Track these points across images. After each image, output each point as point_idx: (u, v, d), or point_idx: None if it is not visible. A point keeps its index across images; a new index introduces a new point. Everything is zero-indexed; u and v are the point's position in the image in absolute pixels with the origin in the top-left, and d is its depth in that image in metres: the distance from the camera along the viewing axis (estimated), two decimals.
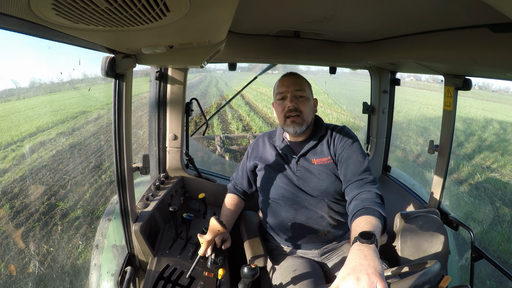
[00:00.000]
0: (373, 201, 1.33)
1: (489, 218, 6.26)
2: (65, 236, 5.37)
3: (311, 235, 1.67)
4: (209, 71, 70.45)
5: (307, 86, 1.63)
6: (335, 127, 1.69)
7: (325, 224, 1.64)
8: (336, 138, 1.63)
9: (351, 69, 2.83)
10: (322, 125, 1.70)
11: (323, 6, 1.19)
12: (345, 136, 1.63)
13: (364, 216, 1.23)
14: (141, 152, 7.56)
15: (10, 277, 4.37)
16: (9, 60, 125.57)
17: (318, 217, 1.63)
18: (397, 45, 1.69)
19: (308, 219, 1.64)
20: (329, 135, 1.66)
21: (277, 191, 1.68)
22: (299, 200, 1.64)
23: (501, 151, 11.86)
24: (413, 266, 1.34)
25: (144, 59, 1.32)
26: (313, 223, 1.64)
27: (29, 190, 7.18)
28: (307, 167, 1.64)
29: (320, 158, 1.63)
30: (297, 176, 1.65)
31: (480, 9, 0.98)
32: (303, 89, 1.60)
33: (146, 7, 0.61)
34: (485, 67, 1.52)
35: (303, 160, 1.66)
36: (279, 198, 1.68)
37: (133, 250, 1.58)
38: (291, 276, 1.54)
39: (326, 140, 1.65)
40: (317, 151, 1.65)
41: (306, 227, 1.65)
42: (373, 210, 1.26)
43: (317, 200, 1.63)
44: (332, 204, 1.63)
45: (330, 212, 1.63)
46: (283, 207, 1.67)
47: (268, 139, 1.82)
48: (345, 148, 1.59)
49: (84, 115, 17.97)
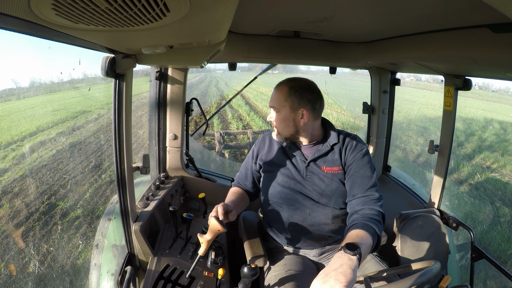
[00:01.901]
0: (372, 218, 1.37)
1: (489, 218, 6.27)
2: (65, 235, 5.38)
3: (313, 239, 1.67)
4: (209, 71, 70.47)
5: (281, 99, 1.56)
6: (347, 135, 1.67)
7: (327, 230, 1.64)
8: (348, 147, 1.62)
9: (351, 69, 2.84)
10: (334, 131, 1.65)
11: (323, 6, 1.19)
12: (357, 147, 1.61)
13: (358, 230, 1.28)
14: (141, 152, 7.56)
15: (10, 277, 4.37)
16: (9, 60, 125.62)
17: (322, 223, 1.62)
18: (397, 45, 1.68)
19: (311, 225, 1.63)
20: (341, 144, 1.63)
21: (282, 195, 1.65)
22: (304, 206, 1.62)
23: (501, 151, 11.87)
24: (413, 266, 1.34)
25: (144, 59, 1.32)
26: (316, 229, 1.63)
27: (29, 189, 7.19)
28: (317, 173, 1.62)
29: (331, 167, 1.61)
30: (306, 181, 1.62)
31: (480, 9, 0.98)
32: (276, 106, 1.59)
33: (146, 7, 0.61)
34: (485, 67, 1.52)
35: (313, 165, 1.63)
36: (283, 202, 1.65)
37: (133, 249, 1.58)
38: (286, 276, 1.54)
39: (338, 148, 1.62)
40: (328, 159, 1.62)
41: (308, 231, 1.64)
42: (368, 227, 1.31)
43: (322, 206, 1.61)
44: (336, 211, 1.62)
45: (334, 219, 1.62)
46: (287, 211, 1.65)
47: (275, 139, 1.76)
48: (356, 160, 1.58)
49: (84, 115, 17.99)
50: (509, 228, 5.78)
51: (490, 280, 3.90)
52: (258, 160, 1.77)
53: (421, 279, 1.10)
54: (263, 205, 1.80)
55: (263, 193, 1.76)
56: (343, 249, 1.09)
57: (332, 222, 1.62)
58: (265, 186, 1.73)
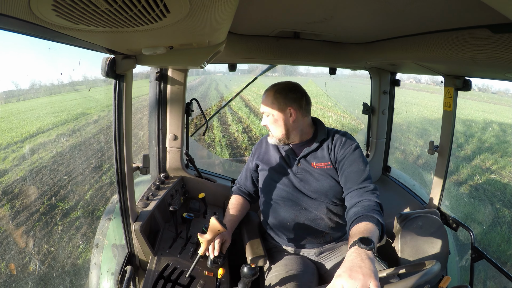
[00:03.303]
0: (373, 209, 1.39)
1: (488, 219, 6.26)
2: (66, 236, 5.38)
3: (310, 236, 1.69)
4: (209, 73, 70.39)
5: (271, 104, 1.65)
6: (336, 132, 1.71)
7: (324, 226, 1.67)
8: (337, 144, 1.65)
9: (351, 70, 2.84)
10: (323, 129, 1.71)
11: (322, 7, 1.19)
12: (346, 143, 1.64)
13: (364, 223, 1.29)
14: (142, 153, 7.58)
15: (11, 276, 4.37)
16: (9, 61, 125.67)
17: (318, 218, 1.66)
18: (397, 46, 1.69)
19: (307, 220, 1.66)
20: (330, 141, 1.67)
21: (277, 192, 1.70)
22: (299, 202, 1.66)
23: (500, 152, 11.85)
24: (413, 267, 1.34)
25: (144, 59, 1.33)
26: (313, 224, 1.66)
27: (30, 190, 7.19)
28: (307, 169, 1.67)
29: (320, 163, 1.66)
30: (298, 178, 1.67)
31: (480, 10, 0.99)
32: (266, 111, 1.67)
33: (146, 8, 0.62)
34: (485, 68, 1.53)
35: (304, 161, 1.68)
36: (279, 199, 1.70)
37: (133, 249, 1.58)
38: (287, 276, 1.55)
39: (326, 145, 1.67)
40: (318, 155, 1.67)
41: (305, 228, 1.67)
42: (372, 218, 1.33)
43: (316, 202, 1.65)
44: (331, 206, 1.65)
45: (329, 214, 1.65)
46: (283, 207, 1.69)
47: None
48: (347, 156, 1.61)
49: (84, 117, 17.99)
50: (509, 229, 5.77)
51: (490, 281, 3.90)
52: (255, 160, 1.83)
53: (421, 280, 1.10)
54: (261, 205, 1.84)
55: (261, 193, 1.82)
56: (357, 243, 1.10)
57: (327, 217, 1.65)
58: (262, 186, 1.79)
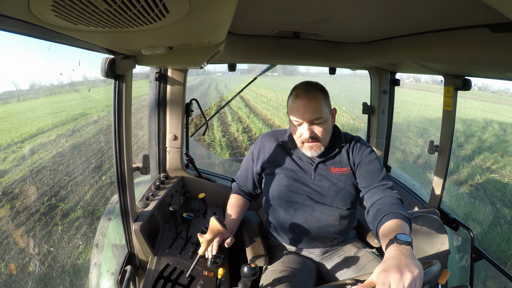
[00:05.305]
0: (399, 206, 1.37)
1: (489, 218, 6.26)
2: (66, 236, 5.38)
3: (318, 240, 1.67)
4: (208, 73, 70.28)
5: (323, 105, 1.50)
6: (352, 137, 1.70)
7: (333, 231, 1.64)
8: (354, 147, 1.64)
9: (351, 70, 2.84)
10: (340, 135, 1.67)
11: (322, 6, 1.19)
12: (362, 146, 1.64)
13: (396, 220, 1.27)
14: (142, 153, 7.58)
15: (11, 276, 4.37)
16: (9, 62, 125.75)
17: (329, 225, 1.62)
18: (396, 46, 1.69)
19: (318, 227, 1.62)
20: (348, 145, 1.65)
21: (288, 198, 1.63)
22: (312, 207, 1.61)
23: (501, 152, 11.84)
24: None
25: (144, 60, 1.33)
26: (323, 231, 1.63)
27: (30, 190, 7.19)
28: (326, 175, 1.61)
29: (339, 168, 1.61)
30: (314, 183, 1.61)
31: (480, 9, 0.99)
32: (319, 115, 1.49)
33: (145, 8, 0.61)
34: (484, 67, 1.53)
35: (322, 167, 1.62)
36: (289, 204, 1.64)
37: (133, 249, 1.58)
38: (283, 272, 1.54)
39: (345, 150, 1.64)
40: (337, 161, 1.63)
41: (314, 233, 1.64)
42: (400, 214, 1.31)
43: (330, 208, 1.61)
44: (344, 212, 1.62)
45: (340, 221, 1.63)
46: (293, 212, 1.64)
47: (277, 141, 1.73)
48: (365, 156, 1.60)
49: (84, 117, 17.98)
50: (509, 229, 5.77)
51: (490, 281, 3.90)
52: (259, 162, 1.73)
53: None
54: (266, 207, 1.77)
55: (267, 195, 1.73)
56: (395, 241, 1.08)
57: (339, 223, 1.63)
58: (269, 188, 1.70)
